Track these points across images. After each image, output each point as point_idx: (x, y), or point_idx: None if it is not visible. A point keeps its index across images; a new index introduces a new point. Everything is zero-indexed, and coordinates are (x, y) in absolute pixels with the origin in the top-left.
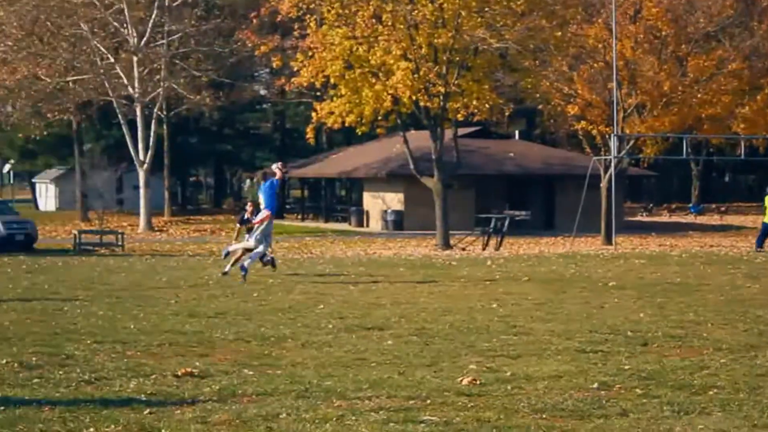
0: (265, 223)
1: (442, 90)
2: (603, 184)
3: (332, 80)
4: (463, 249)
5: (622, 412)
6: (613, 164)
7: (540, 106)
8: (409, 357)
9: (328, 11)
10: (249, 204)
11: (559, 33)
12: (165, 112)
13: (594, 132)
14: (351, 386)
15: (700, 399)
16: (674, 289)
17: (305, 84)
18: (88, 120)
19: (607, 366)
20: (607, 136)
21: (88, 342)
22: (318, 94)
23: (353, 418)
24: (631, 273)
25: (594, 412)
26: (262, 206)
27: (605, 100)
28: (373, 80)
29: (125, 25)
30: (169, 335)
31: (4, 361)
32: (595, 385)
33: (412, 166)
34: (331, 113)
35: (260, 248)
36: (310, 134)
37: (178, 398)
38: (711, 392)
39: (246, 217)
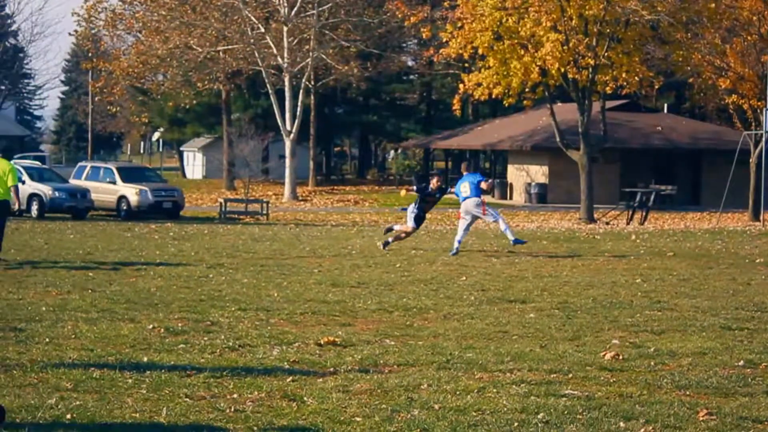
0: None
1: (592, 62)
2: (752, 160)
3: (480, 51)
4: (607, 223)
5: None
6: (764, 139)
7: (690, 80)
8: (551, 330)
9: None
10: (436, 178)
11: (713, 5)
12: (312, 83)
13: (745, 106)
14: (492, 359)
15: None
16: None
17: (453, 55)
18: (237, 89)
19: (753, 344)
20: (758, 111)
21: (233, 309)
22: (466, 65)
23: (494, 390)
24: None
25: (739, 389)
26: (466, 194)
27: (758, 74)
28: (522, 52)
29: None
30: (312, 304)
31: (151, 327)
32: (741, 362)
33: (557, 139)
34: (479, 85)
35: (501, 223)
36: (456, 106)
37: (320, 367)
38: None
39: (429, 189)
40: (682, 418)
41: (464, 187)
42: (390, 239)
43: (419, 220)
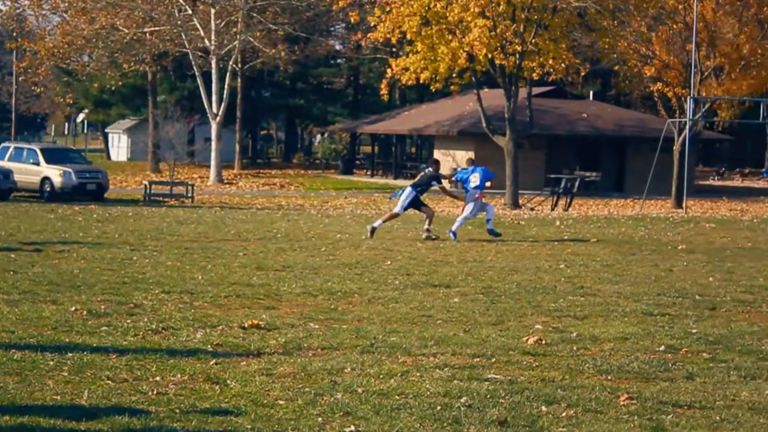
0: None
1: (519, 48)
2: (676, 147)
3: (408, 36)
4: (532, 209)
5: (689, 376)
6: (687, 127)
7: (616, 67)
8: (474, 315)
9: None
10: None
11: None
12: (239, 65)
13: (670, 94)
14: (416, 343)
15: (767, 365)
16: (744, 254)
17: (381, 39)
18: (163, 71)
19: (674, 329)
20: (683, 99)
21: (156, 292)
22: (393, 50)
23: (418, 374)
24: (700, 237)
25: (660, 374)
26: (475, 184)
27: (683, 62)
28: (450, 37)
29: None
30: (237, 287)
31: (73, 309)
32: (662, 347)
33: (484, 125)
34: (406, 69)
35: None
36: (383, 90)
37: (244, 350)
38: None
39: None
40: (604, 402)
41: (474, 178)
42: (377, 224)
43: (414, 204)
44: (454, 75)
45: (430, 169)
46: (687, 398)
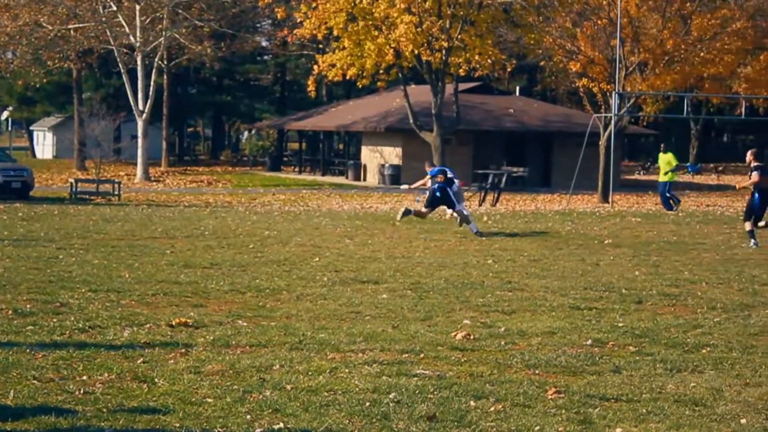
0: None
1: (445, 44)
2: (602, 142)
3: (335, 32)
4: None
5: (615, 369)
6: (613, 122)
7: (542, 63)
8: (403, 311)
9: None
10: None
11: None
12: (165, 62)
13: (595, 89)
14: (345, 339)
15: (692, 357)
16: (670, 247)
17: (307, 36)
18: (88, 68)
19: (600, 323)
20: (608, 94)
21: (83, 290)
22: (320, 46)
23: (346, 370)
24: (626, 231)
25: (587, 368)
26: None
27: (607, 58)
28: (376, 33)
29: None
30: (164, 285)
31: None
32: (589, 341)
33: (411, 121)
34: (333, 66)
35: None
36: (310, 87)
37: (172, 348)
38: (704, 350)
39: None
40: (531, 396)
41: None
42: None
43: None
44: (380, 71)
45: (445, 175)
46: (614, 391)
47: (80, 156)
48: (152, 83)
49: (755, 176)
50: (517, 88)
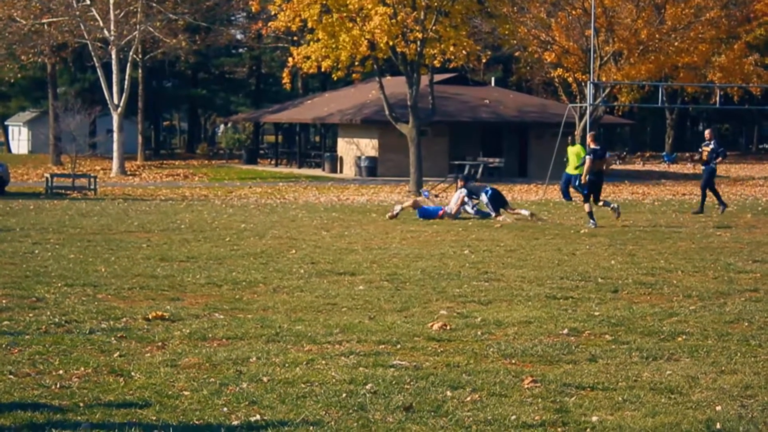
0: None
1: (420, 36)
2: (577, 132)
3: (309, 24)
4: (437, 196)
5: (591, 358)
6: (588, 112)
7: (517, 54)
8: (380, 302)
9: None
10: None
11: None
12: (140, 56)
13: (570, 79)
14: (321, 331)
15: (668, 345)
16: (645, 236)
17: (282, 28)
18: (63, 63)
19: (577, 312)
20: (583, 84)
21: (59, 285)
22: (295, 38)
23: (323, 362)
24: (602, 220)
25: (563, 357)
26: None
27: (582, 48)
28: (351, 25)
29: None
30: (141, 279)
31: None
32: (565, 330)
33: (387, 113)
34: (308, 58)
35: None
36: (286, 79)
37: (148, 341)
38: (680, 339)
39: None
40: (508, 385)
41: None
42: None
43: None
44: (356, 63)
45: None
46: (590, 380)
47: (56, 151)
48: (127, 77)
49: (588, 161)
50: (493, 78)
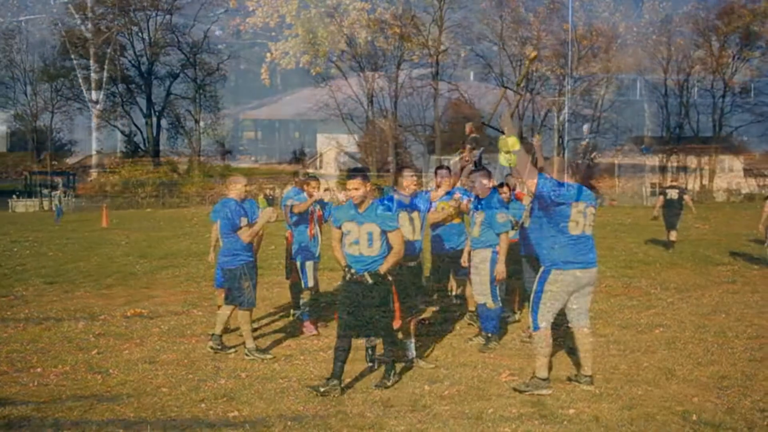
0: None
1: (398, 31)
2: (556, 125)
3: (287, 20)
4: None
5: (569, 351)
6: (566, 106)
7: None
8: (358, 297)
9: None
10: None
11: None
12: (118, 53)
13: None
14: (300, 326)
15: (645, 338)
16: (624, 229)
17: (260, 24)
18: (41, 60)
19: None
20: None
21: (38, 283)
22: (273, 34)
23: (302, 357)
24: None
25: (541, 350)
26: None
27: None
28: (329, 20)
29: None
30: (119, 276)
31: None
32: (543, 324)
33: (367, 108)
34: (286, 53)
35: None
36: (264, 75)
37: (127, 338)
38: (657, 331)
39: None
40: (486, 379)
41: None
42: None
43: None
44: (334, 58)
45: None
46: (567, 373)
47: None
48: (105, 74)
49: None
50: (471, 74)
